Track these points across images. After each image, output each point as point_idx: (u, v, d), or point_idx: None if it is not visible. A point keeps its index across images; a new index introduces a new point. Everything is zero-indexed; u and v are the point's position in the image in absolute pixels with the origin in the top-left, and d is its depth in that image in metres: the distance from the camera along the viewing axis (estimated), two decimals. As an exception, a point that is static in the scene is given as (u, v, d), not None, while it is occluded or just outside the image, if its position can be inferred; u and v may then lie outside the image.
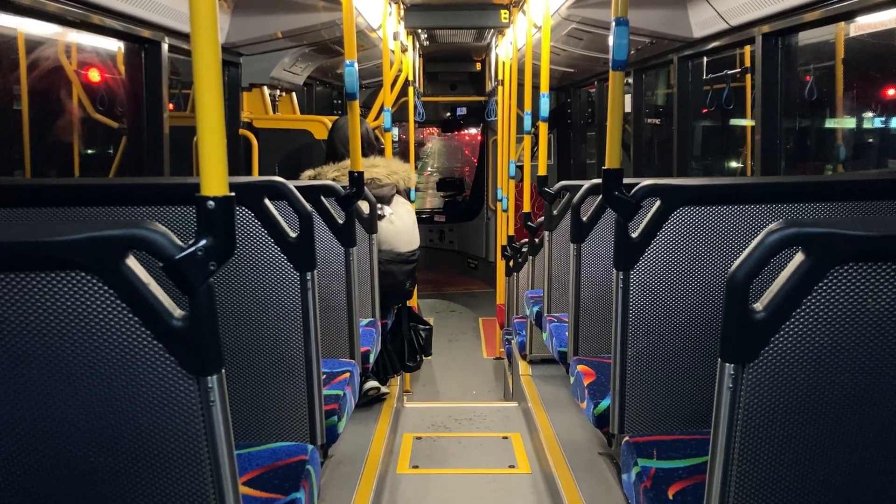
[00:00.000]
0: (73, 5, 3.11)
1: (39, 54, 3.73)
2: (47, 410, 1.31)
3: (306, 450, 2.13)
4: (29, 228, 1.27)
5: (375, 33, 6.31)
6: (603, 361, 2.96)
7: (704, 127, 5.90)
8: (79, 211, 2.23)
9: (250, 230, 2.24)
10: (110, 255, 1.23)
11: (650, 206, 2.24)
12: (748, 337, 1.34)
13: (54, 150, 4.09)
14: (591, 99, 9.72)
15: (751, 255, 1.32)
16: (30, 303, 1.25)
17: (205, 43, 1.31)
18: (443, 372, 8.50)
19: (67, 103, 4.03)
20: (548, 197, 4.11)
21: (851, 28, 3.78)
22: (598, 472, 3.33)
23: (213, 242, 1.29)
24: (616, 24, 2.20)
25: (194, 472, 1.35)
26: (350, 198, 3.04)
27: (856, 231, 1.29)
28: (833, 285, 1.32)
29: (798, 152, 4.37)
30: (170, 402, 1.31)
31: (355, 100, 3.22)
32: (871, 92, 4.08)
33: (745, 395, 1.37)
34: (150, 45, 3.94)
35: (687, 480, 1.96)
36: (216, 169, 1.32)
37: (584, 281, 3.30)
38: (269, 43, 5.31)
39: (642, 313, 2.32)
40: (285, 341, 2.32)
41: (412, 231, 4.22)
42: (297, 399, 2.35)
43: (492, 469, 3.88)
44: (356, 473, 3.32)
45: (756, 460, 1.41)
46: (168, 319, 1.27)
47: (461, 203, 14.22)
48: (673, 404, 2.37)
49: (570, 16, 5.23)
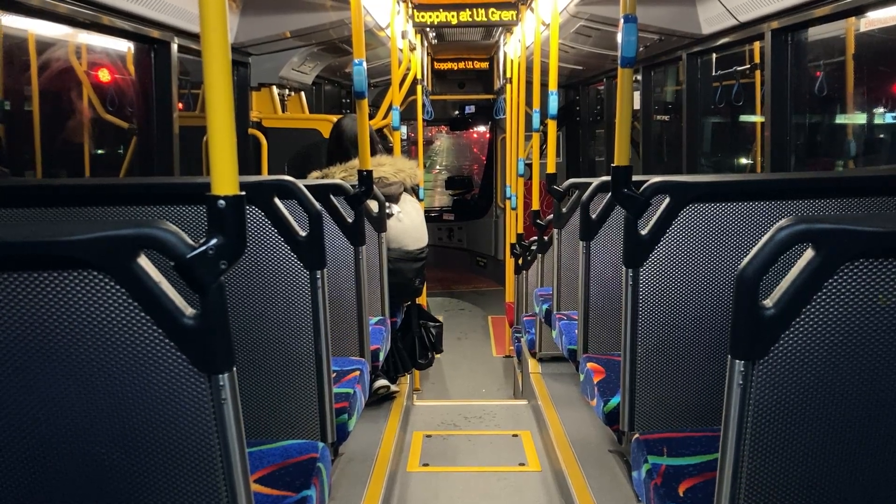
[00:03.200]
0: (83, 6, 3.12)
1: (50, 55, 3.75)
2: (60, 409, 1.32)
3: (317, 447, 2.13)
4: (41, 228, 1.28)
5: (384, 32, 6.31)
6: (612, 359, 2.96)
7: (714, 123, 5.88)
8: (90, 211, 2.24)
9: (260, 229, 2.25)
10: (122, 255, 1.24)
11: (659, 203, 2.23)
12: (758, 334, 1.34)
13: (65, 150, 4.12)
14: (599, 96, 9.70)
15: (760, 251, 1.31)
16: (43, 302, 1.26)
17: (215, 44, 1.32)
18: (452, 370, 8.51)
19: (78, 104, 4.05)
20: (557, 194, 4.11)
21: (862, 23, 3.76)
22: (608, 470, 3.33)
23: (223, 241, 1.29)
24: (624, 22, 2.20)
25: (206, 469, 1.36)
26: (359, 196, 3.05)
27: (866, 227, 1.29)
28: (843, 282, 1.31)
29: (808, 148, 4.35)
30: (181, 400, 1.32)
31: (364, 98, 3.23)
32: (882, 87, 4.06)
33: (755, 391, 1.37)
34: (159, 46, 3.96)
35: (697, 477, 1.96)
36: (227, 168, 1.33)
37: (594, 278, 3.29)
38: (277, 42, 5.32)
39: (652, 311, 2.32)
40: (295, 339, 2.33)
41: (420, 228, 4.22)
42: (308, 397, 2.36)
43: (502, 467, 3.88)
44: (367, 471, 3.33)
45: (766, 457, 1.41)
46: (179, 318, 1.28)
47: (470, 201, 14.23)
48: (683, 401, 2.37)
49: (578, 13, 5.23)
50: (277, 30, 5.03)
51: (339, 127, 4.25)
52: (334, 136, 4.26)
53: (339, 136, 4.19)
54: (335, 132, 4.25)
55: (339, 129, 4.23)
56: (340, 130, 4.21)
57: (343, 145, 4.12)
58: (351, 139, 4.03)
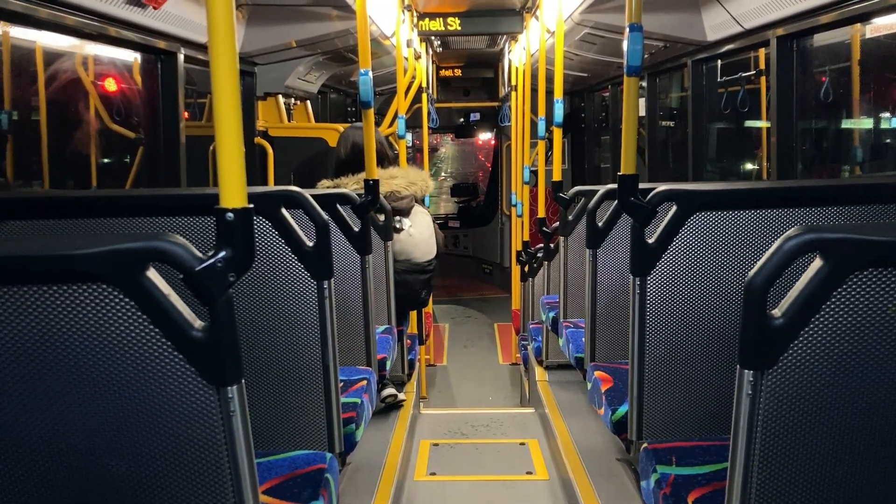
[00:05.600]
0: (90, 18, 3.14)
1: (57, 66, 3.77)
2: (70, 421, 1.32)
3: (325, 458, 2.13)
4: (50, 242, 1.29)
5: (389, 41, 6.33)
6: (620, 367, 2.95)
7: (719, 129, 5.88)
8: (98, 222, 2.25)
9: (267, 239, 2.25)
10: (131, 268, 1.25)
11: (666, 211, 2.23)
12: (767, 343, 1.34)
13: (72, 160, 4.14)
14: (604, 103, 9.70)
15: (769, 261, 1.31)
16: (52, 315, 1.26)
17: (223, 55, 1.32)
18: (459, 378, 8.50)
19: (85, 114, 4.08)
20: (563, 202, 4.10)
21: (867, 29, 3.76)
22: (616, 479, 3.32)
23: (232, 254, 1.30)
24: (630, 30, 2.20)
25: (215, 481, 1.36)
26: (365, 206, 3.05)
27: (874, 236, 1.29)
28: (852, 291, 1.31)
29: (814, 154, 4.34)
30: (190, 412, 1.32)
31: (370, 108, 3.24)
32: (889, 93, 4.05)
33: (764, 401, 1.36)
34: (165, 56, 3.97)
35: (706, 487, 1.95)
36: (235, 181, 1.33)
37: (601, 286, 3.29)
38: (283, 52, 5.35)
39: (659, 319, 2.31)
40: (303, 349, 2.33)
41: (430, 241, 4.18)
42: (316, 407, 2.35)
43: (509, 476, 3.87)
44: (374, 481, 3.32)
45: (776, 467, 1.41)
46: (188, 330, 1.28)
47: (475, 208, 14.22)
48: (691, 410, 2.36)
49: (583, 21, 5.23)
50: (283, 39, 5.05)
51: (351, 138, 4.10)
52: (348, 147, 4.09)
53: (352, 146, 4.03)
54: (348, 143, 4.10)
55: (352, 139, 4.08)
56: (354, 141, 4.05)
57: (358, 156, 4.00)
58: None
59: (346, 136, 4.16)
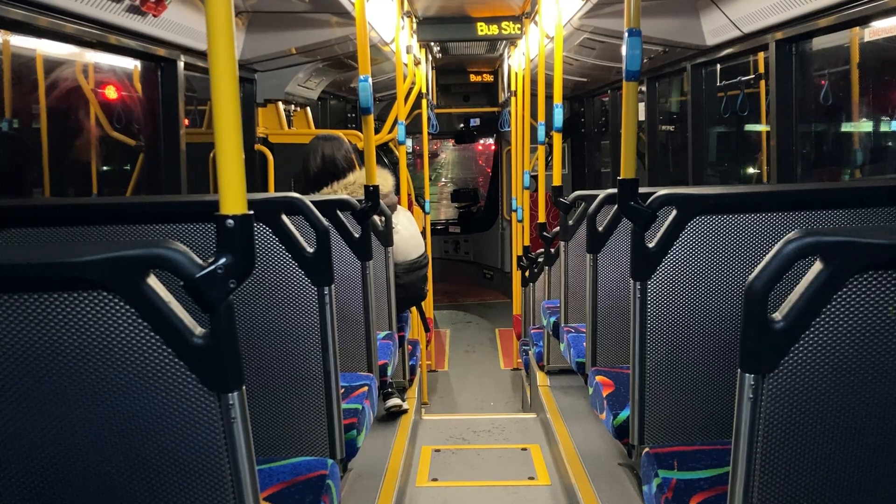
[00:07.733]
0: (90, 26, 3.15)
1: (58, 74, 3.77)
2: (71, 428, 1.32)
3: (326, 464, 2.13)
4: (51, 249, 1.29)
5: (388, 47, 6.34)
6: (621, 372, 2.95)
7: (719, 133, 5.88)
8: (98, 230, 2.25)
9: (268, 246, 2.26)
10: (132, 275, 1.25)
11: (666, 215, 2.23)
12: (767, 347, 1.34)
13: (72, 168, 4.14)
14: (604, 107, 9.71)
15: (769, 264, 1.31)
16: (53, 322, 1.26)
17: (222, 62, 1.33)
18: (460, 383, 8.49)
19: (85, 122, 4.07)
20: (563, 207, 4.11)
21: (866, 32, 3.76)
22: (618, 484, 3.31)
23: (232, 260, 1.30)
24: (629, 35, 2.20)
25: (216, 488, 1.36)
26: (366, 211, 3.06)
27: (875, 239, 1.29)
28: (853, 294, 1.31)
29: (814, 158, 4.35)
30: (191, 419, 1.32)
31: (370, 114, 3.24)
32: (888, 96, 4.06)
33: (765, 405, 1.36)
34: (165, 64, 3.98)
35: (708, 491, 1.95)
36: (235, 188, 1.34)
37: (601, 291, 3.29)
38: (283, 59, 5.36)
39: (660, 323, 2.31)
40: (304, 356, 2.33)
41: (417, 236, 4.38)
42: (317, 414, 2.35)
43: (511, 481, 3.86)
44: (375, 487, 3.32)
45: (778, 471, 1.40)
46: (189, 337, 1.28)
47: (476, 214, 14.23)
48: (693, 415, 2.36)
49: (582, 26, 5.24)
50: (283, 46, 5.06)
51: (321, 149, 4.02)
52: (318, 160, 4.00)
53: (323, 158, 3.98)
54: (318, 155, 4.00)
55: (321, 151, 4.01)
56: (325, 153, 3.99)
57: (330, 167, 3.96)
58: (346, 157, 3.95)
59: (314, 147, 4.05)
